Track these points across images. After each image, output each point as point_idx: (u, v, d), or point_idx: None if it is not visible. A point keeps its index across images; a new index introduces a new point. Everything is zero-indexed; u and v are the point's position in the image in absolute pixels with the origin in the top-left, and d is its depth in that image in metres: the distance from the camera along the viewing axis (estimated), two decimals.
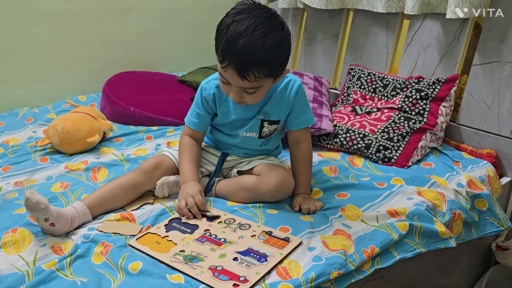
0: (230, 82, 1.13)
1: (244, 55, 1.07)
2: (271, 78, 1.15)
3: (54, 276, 0.96)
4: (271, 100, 1.26)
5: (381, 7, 1.68)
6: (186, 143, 1.29)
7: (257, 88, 1.14)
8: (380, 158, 1.49)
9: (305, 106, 1.29)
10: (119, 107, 1.78)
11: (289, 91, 1.26)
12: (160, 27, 2.17)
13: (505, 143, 1.54)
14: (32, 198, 1.03)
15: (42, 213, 1.05)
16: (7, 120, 1.75)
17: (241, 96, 1.15)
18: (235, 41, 1.07)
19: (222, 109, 1.28)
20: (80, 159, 1.47)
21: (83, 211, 1.14)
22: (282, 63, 1.14)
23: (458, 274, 1.49)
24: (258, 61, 1.08)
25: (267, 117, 1.27)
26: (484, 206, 1.36)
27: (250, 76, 1.09)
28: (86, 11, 1.94)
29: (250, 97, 1.16)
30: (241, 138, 1.30)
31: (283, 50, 1.12)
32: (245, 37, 1.06)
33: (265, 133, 1.29)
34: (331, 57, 1.96)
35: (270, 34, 1.08)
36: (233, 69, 1.09)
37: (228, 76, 1.12)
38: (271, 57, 1.09)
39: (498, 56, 1.52)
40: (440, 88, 1.60)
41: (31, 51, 1.86)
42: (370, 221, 1.17)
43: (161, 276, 0.95)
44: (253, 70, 1.09)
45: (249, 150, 1.33)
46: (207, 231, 1.11)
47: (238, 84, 1.12)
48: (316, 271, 0.98)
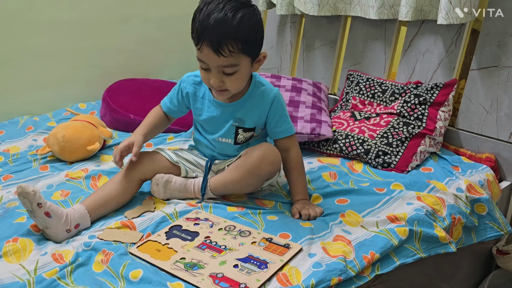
0: (207, 63, 1.15)
1: (217, 29, 1.10)
2: (247, 56, 1.16)
3: (55, 285, 0.97)
4: (246, 105, 1.27)
5: (373, 14, 1.69)
6: (154, 111, 1.39)
7: (235, 67, 1.15)
8: (379, 163, 1.50)
9: (283, 115, 1.28)
10: (119, 114, 1.79)
11: (265, 99, 1.27)
12: (159, 34, 2.18)
13: (504, 147, 1.55)
14: (22, 185, 1.08)
15: (33, 197, 1.07)
16: (8, 129, 1.76)
17: (221, 80, 1.17)
18: (207, 19, 1.11)
19: (197, 105, 1.32)
20: (81, 167, 1.48)
21: (79, 208, 1.17)
22: (255, 39, 1.17)
23: (459, 279, 1.49)
24: (231, 33, 1.11)
25: (242, 124, 1.28)
26: (484, 210, 1.36)
27: (225, 50, 1.12)
28: (86, 19, 1.95)
29: (230, 80, 1.17)
30: (216, 142, 1.32)
31: (255, 24, 1.15)
32: (216, 13, 1.11)
33: (240, 139, 1.30)
34: (330, 63, 1.97)
35: (240, 9, 1.12)
36: (208, 45, 1.12)
37: (204, 56, 1.14)
38: (243, 30, 1.12)
39: (496, 61, 1.53)
40: (439, 93, 1.61)
41: (31, 60, 1.86)
42: (370, 227, 1.17)
43: (162, 284, 0.96)
44: (227, 43, 1.11)
45: (228, 153, 1.34)
46: (207, 238, 1.11)
47: (215, 62, 1.14)
48: (316, 278, 0.99)
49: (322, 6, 1.80)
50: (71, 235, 1.14)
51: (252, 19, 1.15)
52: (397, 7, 1.65)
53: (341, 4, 1.80)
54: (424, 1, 1.58)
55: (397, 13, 1.66)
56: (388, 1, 1.66)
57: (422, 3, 1.58)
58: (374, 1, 1.67)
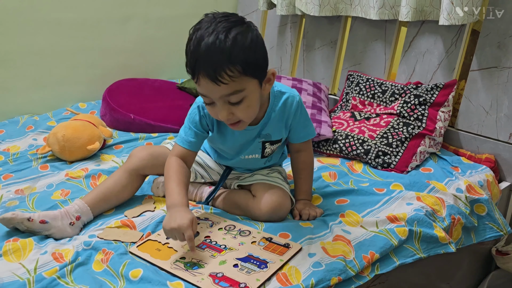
0: (209, 96, 1.02)
1: (209, 55, 0.97)
2: (252, 78, 1.03)
3: (55, 284, 0.97)
4: (271, 121, 1.17)
5: (374, 14, 1.70)
6: (174, 164, 1.14)
7: (241, 93, 1.02)
8: (379, 163, 1.50)
9: (306, 120, 1.23)
10: (119, 114, 1.79)
11: (288, 108, 1.17)
12: (159, 34, 2.19)
13: (503, 148, 1.55)
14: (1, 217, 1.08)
15: (17, 218, 1.08)
16: (8, 128, 1.76)
17: (229, 111, 1.04)
18: (198, 47, 0.98)
19: (220, 130, 1.18)
20: (81, 167, 1.48)
21: (76, 202, 1.17)
22: (256, 58, 1.02)
23: (459, 279, 1.49)
24: (226, 58, 0.97)
25: (268, 138, 1.20)
26: (483, 211, 1.37)
27: (224, 77, 0.98)
28: (86, 19, 1.95)
29: (239, 110, 1.04)
30: (240, 160, 1.24)
31: (252, 42, 1.00)
32: (206, 38, 0.98)
33: (268, 153, 1.24)
34: (330, 63, 1.97)
35: (232, 29, 0.99)
36: (205, 76, 0.99)
37: (204, 89, 1.01)
38: (239, 50, 0.98)
39: (496, 62, 1.53)
40: (439, 94, 1.61)
41: (31, 59, 1.87)
42: (369, 227, 1.17)
43: (162, 283, 0.96)
44: (224, 69, 0.98)
45: (253, 167, 1.30)
46: (207, 237, 1.11)
47: (217, 93, 1.01)
48: (316, 277, 0.99)
49: (323, 7, 1.80)
50: (77, 227, 1.14)
51: (247, 37, 1.00)
52: (398, 7, 1.65)
53: (342, 5, 1.80)
54: (425, 2, 1.59)
55: (398, 13, 1.66)
56: (389, 2, 1.66)
57: (422, 4, 1.59)
58: (374, 1, 1.67)
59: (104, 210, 1.22)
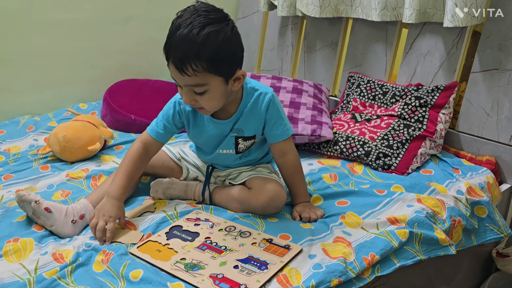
0: (176, 81, 1.11)
1: (179, 47, 1.05)
2: (216, 75, 1.09)
3: (55, 284, 0.97)
4: (243, 116, 1.22)
5: (375, 16, 1.70)
6: (135, 152, 1.23)
7: (203, 87, 1.09)
8: (380, 165, 1.50)
9: (279, 118, 1.23)
10: (120, 115, 1.79)
11: (259, 104, 1.21)
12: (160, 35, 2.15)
13: (504, 150, 1.55)
14: (19, 193, 1.11)
15: (29, 197, 1.10)
16: (9, 128, 1.76)
17: (192, 98, 1.12)
18: (174, 35, 1.06)
19: (195, 125, 1.25)
20: (81, 167, 1.48)
21: (81, 201, 1.18)
22: (224, 58, 1.07)
23: (459, 281, 1.49)
24: (194, 52, 1.04)
25: (241, 134, 1.24)
26: (484, 213, 1.37)
27: (189, 69, 1.06)
28: (87, 20, 1.95)
29: (202, 100, 1.12)
30: (217, 155, 1.28)
31: (223, 41, 1.06)
32: (181, 29, 1.05)
33: (242, 148, 1.27)
34: (331, 65, 1.97)
35: (207, 26, 1.05)
36: (172, 63, 1.07)
37: (172, 74, 1.10)
38: (208, 49, 1.04)
39: (497, 64, 1.53)
40: (439, 96, 1.61)
41: (32, 60, 1.87)
42: (370, 229, 1.17)
43: (162, 284, 0.96)
44: (190, 62, 1.05)
45: (229, 163, 1.32)
46: (208, 238, 1.11)
47: (181, 81, 1.10)
48: (316, 279, 0.99)
49: (324, 8, 1.80)
50: (78, 226, 1.15)
51: (219, 36, 1.05)
52: (400, 9, 1.65)
53: (342, 6, 1.80)
54: (428, 4, 1.59)
55: (400, 15, 1.66)
56: (390, 3, 1.66)
57: (425, 6, 1.59)
58: (376, 3, 1.67)
59: None
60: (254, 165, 1.33)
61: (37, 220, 1.13)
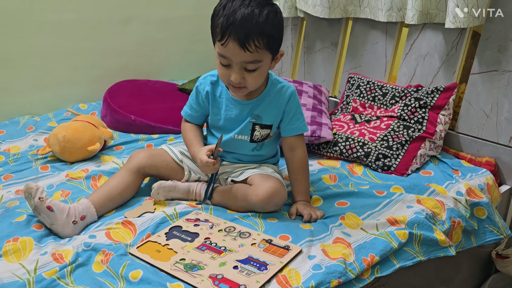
0: (231, 58, 1.15)
1: (244, 24, 1.12)
2: (269, 52, 1.18)
3: (55, 284, 0.97)
4: (264, 102, 1.28)
5: (382, 16, 1.70)
6: (188, 124, 1.36)
7: (258, 63, 1.16)
8: (379, 166, 1.50)
9: (298, 113, 1.30)
10: (120, 115, 1.79)
11: (282, 95, 1.28)
12: (160, 36, 2.19)
13: (503, 151, 1.55)
14: (28, 183, 1.12)
15: (35, 191, 1.11)
16: (8, 129, 1.76)
17: (242, 76, 1.17)
18: (234, 14, 1.12)
19: (215, 105, 1.31)
20: (81, 167, 1.48)
21: (83, 201, 1.18)
22: (278, 37, 1.19)
23: (459, 282, 1.49)
24: (258, 29, 1.12)
25: (259, 121, 1.28)
26: (484, 214, 1.37)
27: (251, 45, 1.13)
28: (87, 20, 1.95)
29: (251, 77, 1.18)
30: (232, 140, 1.31)
31: (279, 22, 1.18)
32: (242, 9, 1.12)
33: (257, 137, 1.30)
34: (331, 66, 1.97)
35: (265, 6, 1.15)
36: (235, 40, 1.12)
37: (228, 51, 1.14)
38: (269, 26, 1.14)
39: (496, 65, 1.53)
40: (439, 97, 1.61)
41: (32, 60, 1.87)
42: (369, 230, 1.17)
43: (162, 284, 0.96)
44: (253, 38, 1.12)
45: (240, 155, 1.33)
46: (207, 239, 1.12)
47: (239, 58, 1.14)
48: (316, 280, 0.99)
49: (333, 9, 1.81)
50: (78, 227, 1.15)
51: (277, 16, 1.17)
52: (405, 10, 1.66)
53: (351, 7, 1.81)
54: (431, 5, 1.59)
55: (405, 16, 1.67)
56: (396, 4, 1.67)
57: (428, 7, 1.59)
58: (383, 3, 1.68)
59: (108, 210, 1.23)
60: (261, 163, 1.35)
61: (38, 216, 1.13)
